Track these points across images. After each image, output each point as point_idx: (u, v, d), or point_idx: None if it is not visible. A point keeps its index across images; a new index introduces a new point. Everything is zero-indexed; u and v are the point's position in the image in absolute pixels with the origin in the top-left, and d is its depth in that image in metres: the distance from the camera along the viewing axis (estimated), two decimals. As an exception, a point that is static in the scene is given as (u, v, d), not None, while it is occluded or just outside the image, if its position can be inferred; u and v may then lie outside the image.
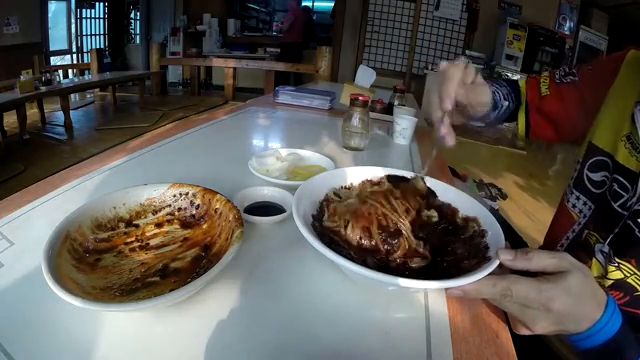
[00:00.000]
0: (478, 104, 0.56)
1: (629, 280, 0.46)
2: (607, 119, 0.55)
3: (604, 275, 0.49)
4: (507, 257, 0.36)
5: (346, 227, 0.42)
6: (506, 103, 0.68)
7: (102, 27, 6.08)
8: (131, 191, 0.48)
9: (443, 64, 0.50)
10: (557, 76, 0.66)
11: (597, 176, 0.55)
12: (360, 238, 0.41)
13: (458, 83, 0.49)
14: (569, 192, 0.61)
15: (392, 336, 0.36)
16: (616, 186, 0.50)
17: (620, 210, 0.49)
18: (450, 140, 0.49)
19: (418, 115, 1.13)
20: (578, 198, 0.58)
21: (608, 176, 0.53)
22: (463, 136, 3.99)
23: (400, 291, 0.42)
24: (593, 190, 0.56)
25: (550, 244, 0.66)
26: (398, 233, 0.41)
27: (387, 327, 0.37)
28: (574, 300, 0.34)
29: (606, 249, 0.49)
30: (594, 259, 0.50)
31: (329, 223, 0.44)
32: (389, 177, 0.52)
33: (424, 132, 1.21)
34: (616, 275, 0.47)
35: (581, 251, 0.53)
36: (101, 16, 6.01)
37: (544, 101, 0.67)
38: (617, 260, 0.47)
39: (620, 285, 0.47)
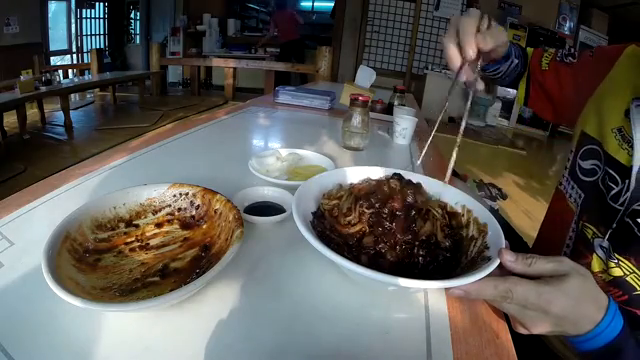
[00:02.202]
0: (500, 44, 0.54)
1: (628, 279, 0.46)
2: (598, 108, 0.56)
3: (605, 270, 0.49)
4: (509, 258, 0.36)
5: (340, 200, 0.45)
6: (517, 61, 0.69)
7: (102, 27, 6.08)
8: (131, 191, 0.48)
9: (453, 17, 0.50)
10: (559, 54, 0.67)
11: (587, 164, 0.56)
12: (348, 209, 0.44)
13: (475, 31, 0.47)
14: (566, 182, 0.61)
15: (392, 336, 0.36)
16: (607, 179, 0.50)
17: (612, 203, 0.49)
18: (480, 85, 0.48)
19: (418, 115, 1.13)
20: (571, 185, 0.59)
21: (599, 165, 0.53)
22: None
23: (400, 291, 0.42)
24: (583, 178, 0.56)
25: (548, 238, 0.66)
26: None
27: (387, 327, 0.37)
28: (573, 303, 0.34)
29: (606, 244, 0.49)
30: (594, 254, 0.50)
31: (324, 200, 0.47)
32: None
33: (424, 132, 1.21)
34: (616, 272, 0.48)
35: (580, 244, 0.53)
36: (101, 16, 6.01)
37: (543, 75, 0.68)
38: (617, 257, 0.47)
39: (619, 283, 0.47)
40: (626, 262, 0.46)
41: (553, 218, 0.67)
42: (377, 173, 0.55)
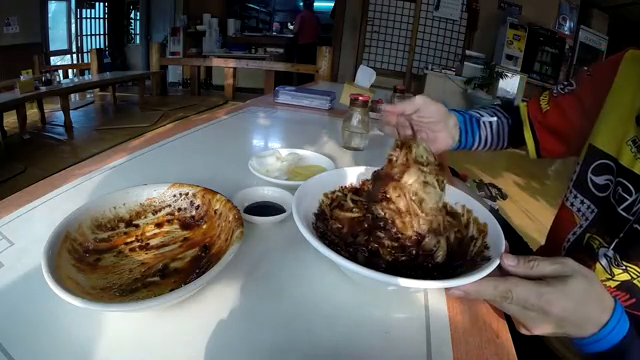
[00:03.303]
0: (429, 118, 0.59)
1: (635, 282, 0.46)
2: (608, 121, 0.54)
3: (610, 278, 0.49)
4: (510, 263, 0.36)
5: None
6: (495, 118, 0.69)
7: (102, 27, 6.08)
8: (131, 191, 0.48)
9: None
10: (555, 90, 0.66)
11: (601, 180, 0.54)
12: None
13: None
14: (569, 193, 0.60)
15: (392, 336, 0.36)
16: (620, 190, 0.49)
17: (624, 214, 0.48)
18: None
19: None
20: (582, 202, 0.58)
21: (612, 179, 0.52)
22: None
23: (400, 291, 0.42)
24: (597, 193, 0.55)
25: (552, 245, 0.65)
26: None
27: (387, 327, 0.37)
28: (574, 304, 0.34)
29: (610, 254, 0.49)
30: (598, 263, 0.50)
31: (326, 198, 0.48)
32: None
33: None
34: (623, 277, 0.47)
35: (584, 255, 0.52)
36: (101, 16, 6.01)
37: (546, 116, 0.66)
38: (624, 263, 0.47)
39: (626, 286, 0.47)
40: (634, 267, 0.46)
41: (555, 227, 0.66)
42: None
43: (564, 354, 0.54)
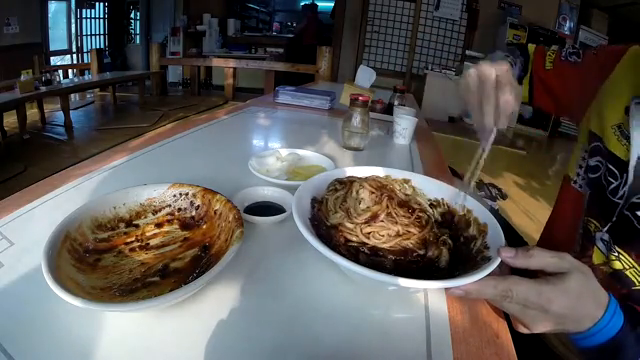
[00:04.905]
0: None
1: (627, 272, 0.47)
2: (600, 107, 0.56)
3: (606, 262, 0.49)
4: (508, 254, 0.36)
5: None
6: (517, 72, 0.69)
7: (102, 27, 6.07)
8: (131, 191, 0.48)
9: (482, 69, 0.46)
10: (563, 53, 0.67)
11: (593, 161, 0.56)
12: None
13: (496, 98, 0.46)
14: (577, 176, 0.62)
15: (392, 336, 0.36)
16: (607, 174, 0.51)
17: (611, 197, 0.50)
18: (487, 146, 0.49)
19: (418, 115, 1.13)
20: (580, 186, 0.60)
21: (602, 161, 0.54)
22: (463, 136, 4.00)
23: (400, 291, 0.42)
24: (589, 175, 0.57)
25: (556, 237, 0.66)
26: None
27: (387, 327, 0.37)
28: (573, 301, 0.34)
29: (606, 237, 0.50)
30: (595, 247, 0.51)
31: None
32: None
33: (424, 132, 1.21)
34: (616, 265, 0.48)
35: (584, 238, 0.53)
36: (101, 16, 6.01)
37: (547, 74, 0.69)
38: (617, 249, 0.48)
39: (618, 277, 0.48)
40: (626, 255, 0.47)
41: (564, 216, 0.67)
42: (377, 173, 0.55)
43: (564, 353, 0.54)
